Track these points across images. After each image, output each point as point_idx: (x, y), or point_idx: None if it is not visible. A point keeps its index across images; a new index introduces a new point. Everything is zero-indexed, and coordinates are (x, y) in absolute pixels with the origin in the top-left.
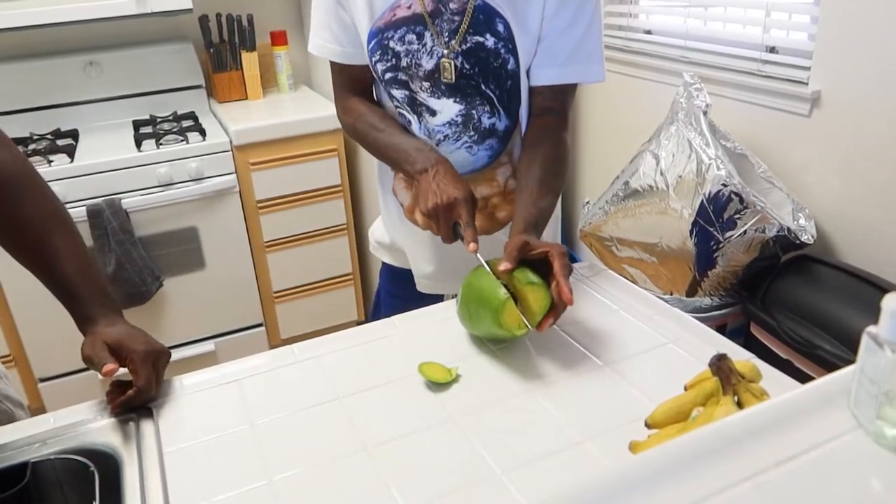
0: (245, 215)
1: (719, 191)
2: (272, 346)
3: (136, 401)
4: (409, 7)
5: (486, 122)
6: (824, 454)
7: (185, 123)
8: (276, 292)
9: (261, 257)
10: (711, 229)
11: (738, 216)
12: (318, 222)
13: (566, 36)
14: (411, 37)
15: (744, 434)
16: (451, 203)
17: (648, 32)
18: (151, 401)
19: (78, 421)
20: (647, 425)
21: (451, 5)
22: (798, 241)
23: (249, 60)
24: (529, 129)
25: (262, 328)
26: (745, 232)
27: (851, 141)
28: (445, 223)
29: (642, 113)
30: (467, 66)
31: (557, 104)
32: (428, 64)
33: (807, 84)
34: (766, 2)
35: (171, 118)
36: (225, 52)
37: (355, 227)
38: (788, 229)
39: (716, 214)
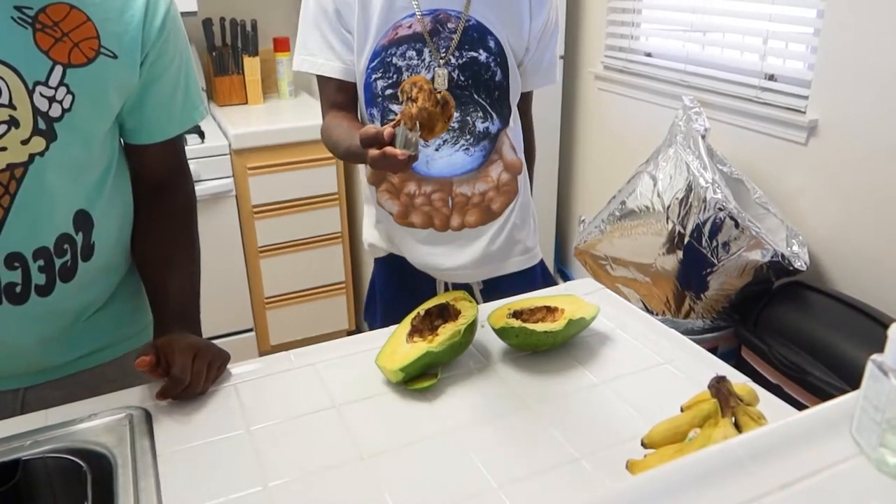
0: (240, 219)
1: (715, 214)
2: (262, 352)
3: (173, 390)
4: (410, 27)
5: (480, 126)
6: (826, 479)
7: None
8: (267, 298)
9: (254, 262)
10: (706, 252)
11: (732, 240)
12: (313, 230)
13: (546, 50)
14: (411, 53)
15: (747, 457)
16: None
17: (648, 55)
18: (195, 394)
19: (72, 419)
20: (644, 445)
21: (449, 25)
22: (791, 268)
23: (251, 65)
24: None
25: (252, 333)
26: (738, 256)
27: (847, 170)
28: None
29: (641, 134)
30: (462, 78)
31: (527, 104)
32: (426, 77)
33: (804, 113)
34: (765, 30)
35: None
36: (227, 56)
37: (350, 236)
38: (782, 255)
39: (710, 237)
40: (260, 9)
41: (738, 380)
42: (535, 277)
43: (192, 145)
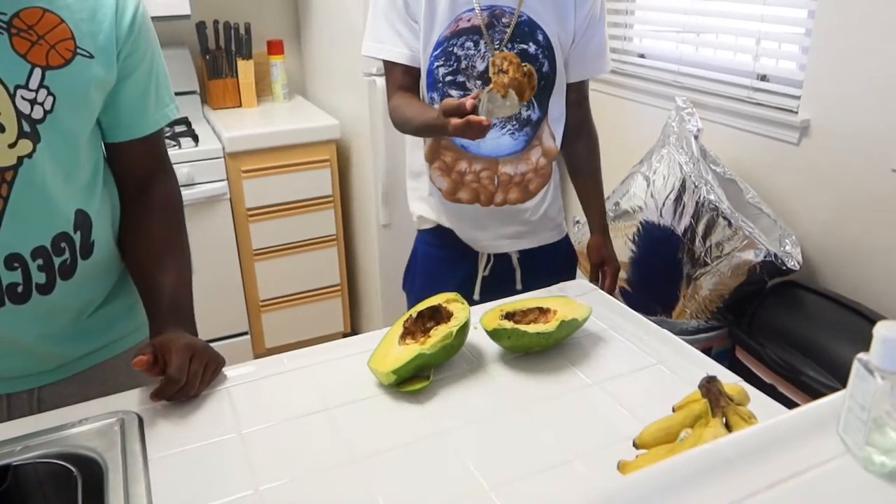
0: (235, 223)
1: (708, 215)
2: (257, 355)
3: (168, 390)
4: (469, 20)
5: (524, 113)
6: (813, 479)
7: (178, 129)
8: (262, 301)
9: (249, 265)
10: (699, 252)
11: (725, 240)
12: (308, 232)
13: (595, 38)
14: (469, 44)
15: (736, 456)
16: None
17: (642, 56)
18: (191, 395)
19: (62, 424)
20: (636, 445)
21: (503, 19)
22: (784, 267)
23: (245, 68)
24: (572, 120)
25: (247, 336)
26: (732, 256)
27: (839, 170)
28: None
29: (634, 135)
30: None
31: (583, 94)
32: (481, 66)
33: (796, 113)
34: (758, 31)
35: None
36: (221, 59)
37: (345, 239)
38: (775, 255)
39: (704, 238)
40: (253, 12)
41: (729, 380)
42: (562, 249)
43: (186, 148)
